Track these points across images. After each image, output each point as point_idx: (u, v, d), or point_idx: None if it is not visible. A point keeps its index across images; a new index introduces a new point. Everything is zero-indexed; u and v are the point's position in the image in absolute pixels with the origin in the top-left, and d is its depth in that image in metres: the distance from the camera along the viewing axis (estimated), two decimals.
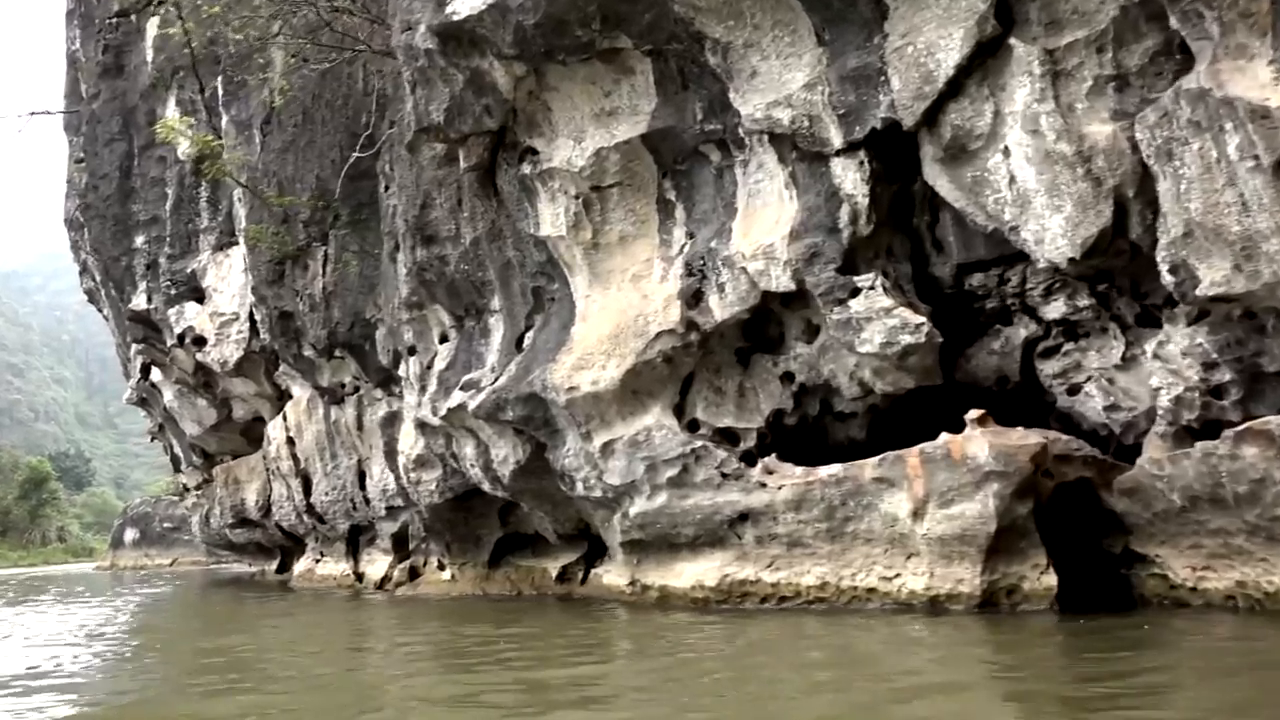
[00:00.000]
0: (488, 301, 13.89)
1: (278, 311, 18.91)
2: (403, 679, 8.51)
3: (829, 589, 11.00)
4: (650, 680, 7.76)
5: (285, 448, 21.45)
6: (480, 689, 7.53)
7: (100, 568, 52.48)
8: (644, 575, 12.66)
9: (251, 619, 15.92)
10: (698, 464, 11.73)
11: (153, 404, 32.98)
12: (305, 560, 23.35)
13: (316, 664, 9.87)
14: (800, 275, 10.63)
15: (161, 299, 22.89)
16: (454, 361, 14.35)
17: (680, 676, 7.72)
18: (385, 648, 10.67)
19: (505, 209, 13.30)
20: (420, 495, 16.14)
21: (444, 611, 14.75)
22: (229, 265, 22.01)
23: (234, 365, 22.18)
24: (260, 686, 8.38)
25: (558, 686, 7.58)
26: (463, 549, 16.80)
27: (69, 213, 32.75)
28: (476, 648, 9.93)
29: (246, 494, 25.73)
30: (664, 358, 11.75)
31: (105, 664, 10.59)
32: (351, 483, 20.20)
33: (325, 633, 12.84)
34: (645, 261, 12.20)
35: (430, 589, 17.47)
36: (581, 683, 7.74)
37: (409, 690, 7.83)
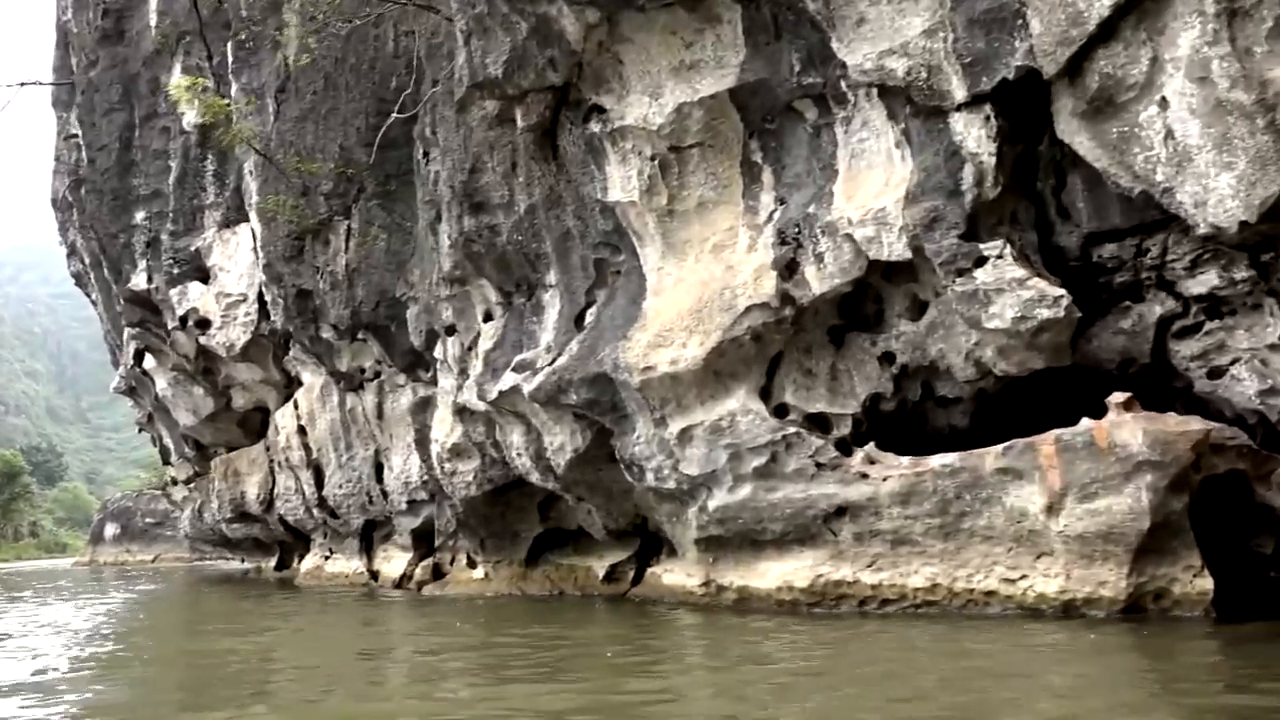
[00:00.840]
0: (542, 275, 12.70)
1: (295, 290, 17.62)
2: (463, 689, 7.37)
3: (940, 591, 9.90)
4: (749, 693, 6.70)
5: (296, 437, 20.14)
6: (549, 704, 6.46)
7: (79, 564, 50.69)
8: (720, 575, 11.51)
9: (265, 621, 14.63)
10: (788, 453, 10.60)
11: (143, 393, 31.52)
12: (312, 557, 22.02)
13: (359, 674, 8.67)
14: (918, 242, 9.51)
15: (163, 278, 21.51)
16: (502, 341, 13.15)
17: (788, 688, 6.67)
18: (432, 655, 9.46)
19: (566, 173, 12.12)
20: (455, 487, 14.91)
21: (482, 613, 13.55)
22: (236, 243, 20.68)
23: (240, 349, 20.85)
24: (299, 700, 7.21)
25: (634, 702, 6.54)
26: (498, 546, 15.59)
27: (56, 192, 31.27)
28: (530, 654, 8.85)
29: (247, 487, 24.37)
30: (752, 335, 10.61)
31: (113, 672, 9.33)
32: (368, 475, 18.93)
33: (356, 637, 11.61)
34: (728, 230, 11.06)
35: (460, 588, 16.24)
36: (659, 697, 6.70)
37: (477, 705, 6.69)
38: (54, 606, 18.56)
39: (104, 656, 10.61)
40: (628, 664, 8.48)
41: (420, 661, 9.18)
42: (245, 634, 12.67)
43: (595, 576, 14.60)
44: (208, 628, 13.82)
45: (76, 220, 29.51)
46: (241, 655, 10.16)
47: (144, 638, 12.89)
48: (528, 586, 15.32)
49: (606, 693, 6.98)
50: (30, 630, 13.49)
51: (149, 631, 13.98)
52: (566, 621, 12.01)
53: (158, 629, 14.63)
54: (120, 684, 8.55)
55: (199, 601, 20.21)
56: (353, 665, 9.20)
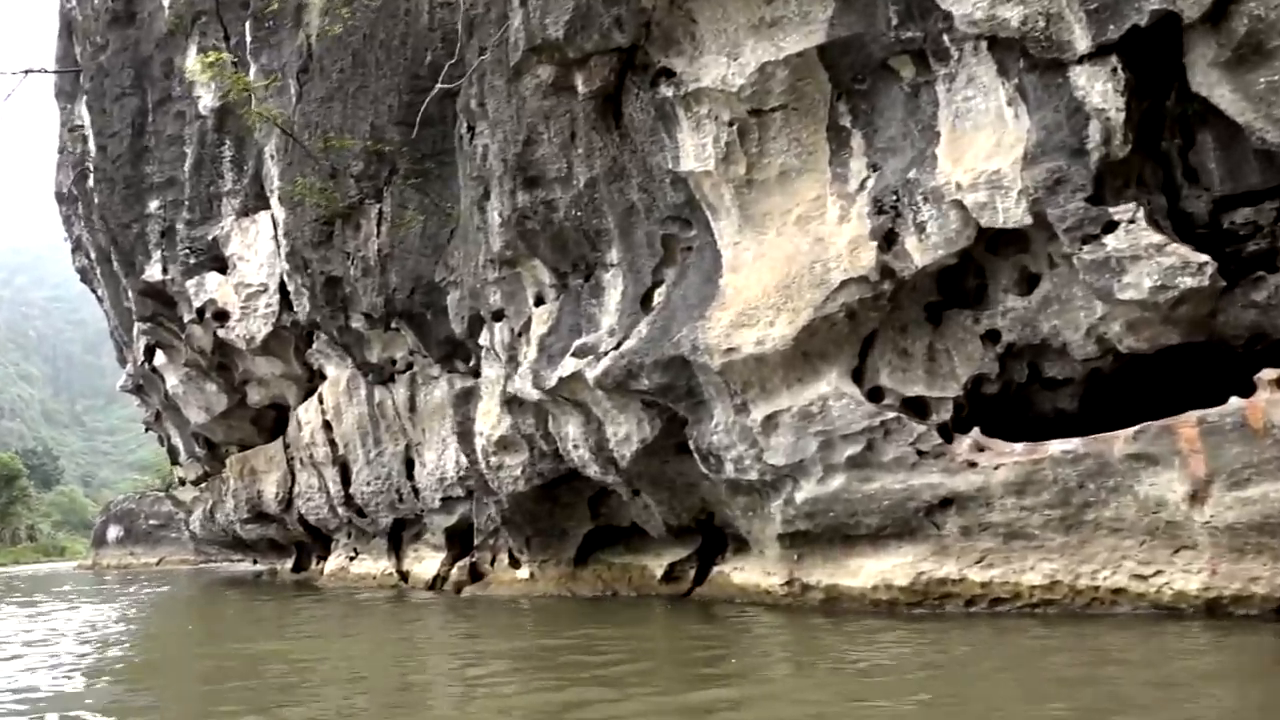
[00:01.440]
0: (602, 254, 11.80)
1: (324, 277, 16.69)
2: (527, 695, 6.49)
3: (1060, 589, 9.03)
4: (865, 695, 5.88)
5: (320, 433, 19.21)
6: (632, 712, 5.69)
7: (81, 567, 49.61)
8: (806, 573, 10.63)
9: (297, 625, 13.72)
10: (886, 440, 9.72)
11: (150, 391, 30.57)
12: (336, 558, 21.08)
13: (409, 683, 7.77)
14: (1039, 207, 8.64)
15: (179, 269, 20.56)
16: (557, 325, 12.25)
17: (906, 693, 5.84)
18: (486, 660, 8.55)
19: (631, 143, 11.23)
20: (501, 482, 14.01)
21: (533, 615, 12.67)
22: (256, 232, 19.75)
23: (261, 342, 19.91)
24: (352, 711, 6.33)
25: (725, 710, 5.83)
26: (545, 544, 14.68)
27: (61, 185, 30.34)
28: (594, 659, 8.05)
29: (264, 485, 23.44)
30: (847, 312, 9.72)
31: (143, 681, 8.42)
32: (398, 471, 18.01)
33: (398, 641, 10.69)
34: (814, 200, 10.17)
35: (502, 589, 15.33)
36: (759, 705, 5.95)
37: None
38: (66, 612, 17.62)
39: (134, 663, 9.70)
40: (714, 669, 7.66)
41: (474, 669, 8.28)
42: (277, 639, 11.76)
43: (652, 576, 13.70)
44: (237, 633, 12.88)
45: (82, 213, 28.56)
46: (279, 662, 9.25)
47: (171, 644, 11.97)
48: (577, 587, 14.42)
49: (695, 700, 6.18)
50: (50, 636, 12.57)
51: (174, 637, 13.06)
52: (630, 623, 11.15)
53: (184, 634, 13.71)
54: (150, 693, 7.65)
55: (218, 605, 19.26)
56: (399, 672, 8.30)
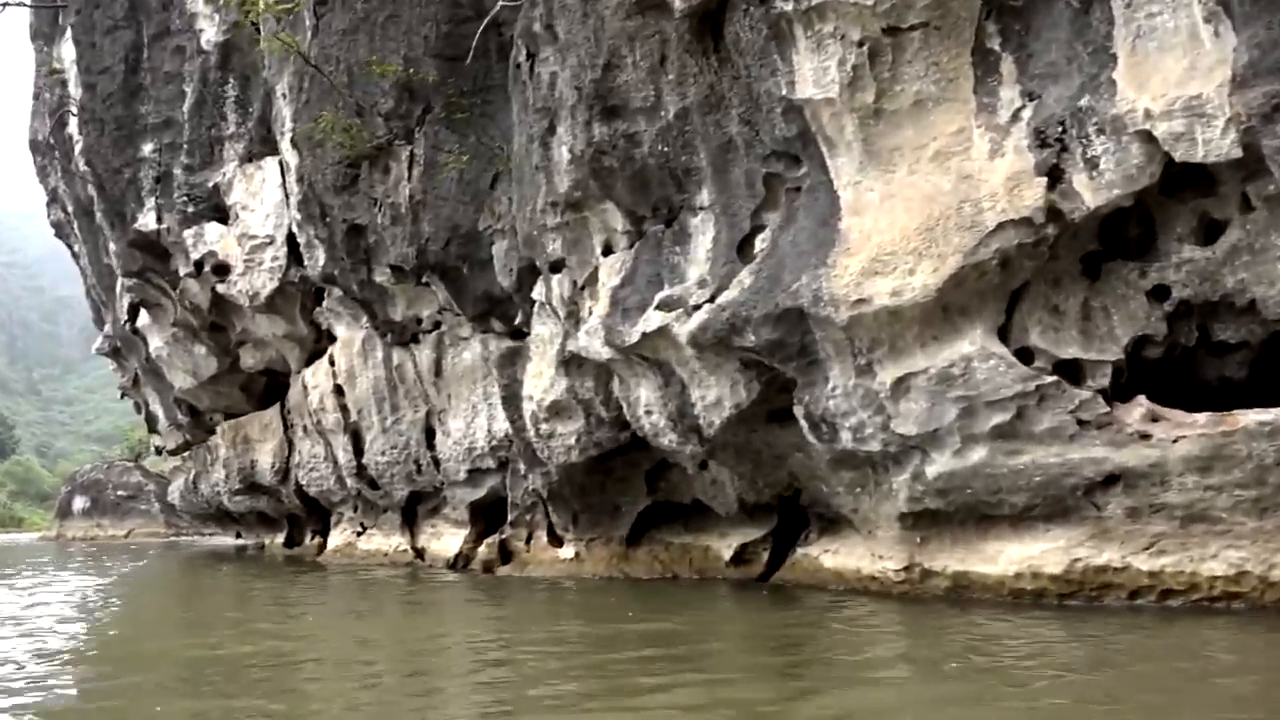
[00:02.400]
0: (690, 195, 10.39)
1: (346, 225, 15.11)
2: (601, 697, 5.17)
3: (1248, 581, 7.83)
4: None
5: (331, 398, 17.65)
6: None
7: (45, 538, 47.39)
8: (930, 558, 9.34)
9: (318, 608, 12.27)
10: (1040, 407, 8.43)
11: (130, 354, 28.74)
12: (341, 533, 19.54)
13: (454, 679, 6.40)
14: (1254, 137, 7.35)
15: (175, 219, 18.87)
16: (632, 276, 10.83)
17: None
18: (557, 646, 7.20)
19: (733, 68, 9.81)
20: (552, 452, 12.60)
21: (586, 599, 11.31)
22: (262, 179, 18.10)
23: (265, 299, 18.30)
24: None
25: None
26: (594, 521, 13.31)
27: (36, 133, 28.36)
28: (675, 651, 6.93)
29: (259, 455, 21.84)
30: (1000, 260, 8.41)
31: (136, 675, 6.97)
32: (416, 440, 16.52)
33: (435, 630, 9.30)
34: (955, 134, 8.82)
35: (542, 570, 13.93)
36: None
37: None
38: (38, 590, 15.98)
39: (135, 652, 8.21)
40: (826, 668, 6.42)
41: (531, 660, 6.91)
42: (293, 621, 10.31)
43: (716, 558, 12.39)
44: (252, 618, 11.37)
45: (60, 163, 26.68)
46: (300, 650, 7.85)
47: (175, 630, 10.45)
48: (630, 568, 13.07)
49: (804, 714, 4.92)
50: (28, 614, 11.00)
51: (177, 623, 11.53)
52: (702, 610, 9.91)
53: (187, 617, 12.17)
54: (158, 694, 6.21)
55: (212, 584, 17.64)
56: (447, 665, 6.90)
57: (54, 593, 14.49)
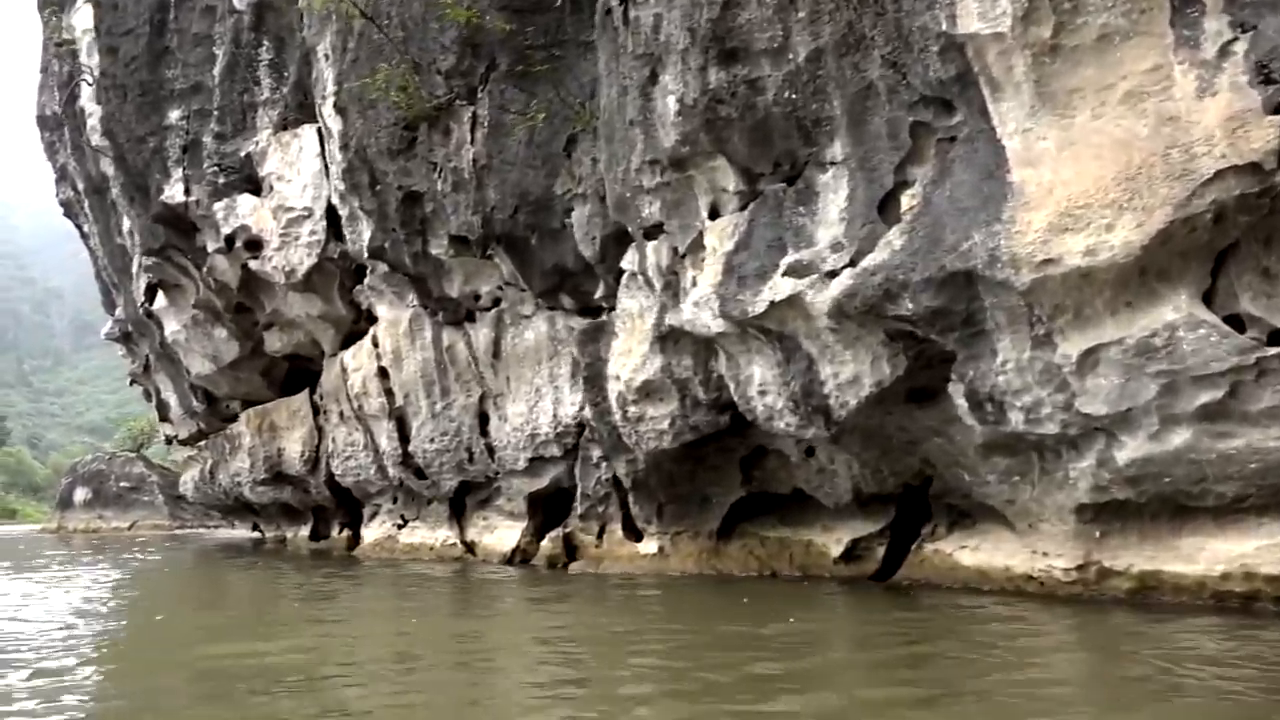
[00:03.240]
0: (820, 149, 9.21)
1: (401, 193, 13.89)
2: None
3: None
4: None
5: (374, 381, 16.41)
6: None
7: (45, 530, 45.97)
8: (1112, 556, 8.21)
9: (367, 615, 11.05)
10: (1259, 383, 7.29)
11: (141, 339, 27.48)
12: (380, 525, 18.31)
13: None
14: None
15: (204, 190, 17.59)
16: (748, 240, 9.64)
17: None
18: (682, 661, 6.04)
19: (876, 3, 8.63)
20: (641, 437, 11.43)
21: (686, 598, 10.13)
22: (299, 148, 16.85)
23: (302, 276, 17.05)
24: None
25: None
26: (680, 513, 12.15)
27: (44, 108, 27.05)
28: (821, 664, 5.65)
29: (286, 443, 20.60)
30: (1215, 213, 7.26)
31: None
32: (469, 427, 15.32)
33: (536, 645, 8.12)
34: (1150, 71, 7.66)
35: (619, 566, 12.76)
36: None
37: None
38: (48, 587, 14.73)
39: (175, 664, 7.02)
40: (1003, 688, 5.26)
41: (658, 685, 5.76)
42: (343, 628, 9.11)
43: (822, 554, 11.24)
44: (296, 624, 10.14)
45: (69, 138, 25.36)
46: (357, 662, 6.66)
47: (213, 634, 9.23)
48: (722, 564, 11.91)
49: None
50: (42, 620, 9.77)
51: (211, 626, 10.31)
52: (825, 613, 8.70)
53: (226, 620, 10.95)
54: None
55: (237, 580, 16.39)
56: (539, 673, 5.74)
57: (78, 588, 13.25)
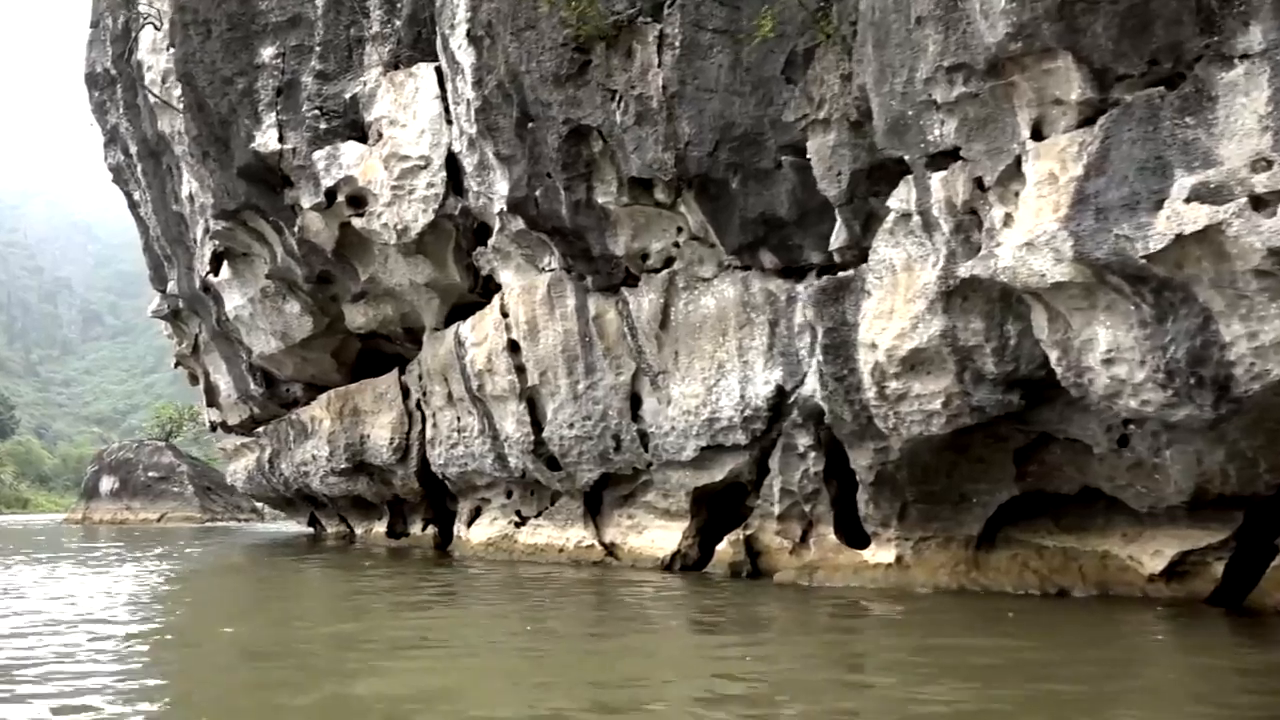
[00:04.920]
0: (1224, 39, 6.87)
1: (567, 128, 11.51)
2: None
3: None
4: None
5: (503, 357, 14.01)
6: None
7: (70, 520, 43.43)
8: None
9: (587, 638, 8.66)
10: None
11: (192, 317, 25.12)
12: (490, 523, 15.91)
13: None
14: None
15: (302, 137, 15.20)
16: (1103, 162, 7.29)
17: None
18: None
19: None
20: (902, 419, 9.07)
21: (1001, 628, 7.78)
22: (414, 89, 14.48)
23: (417, 234, 14.66)
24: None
25: None
26: (928, 514, 9.80)
27: (94, 65, 24.67)
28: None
29: (372, 429, 18.25)
30: None
31: None
32: (617, 410, 12.95)
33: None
34: None
35: (838, 577, 10.40)
36: None
37: None
38: (98, 578, 12.37)
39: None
40: None
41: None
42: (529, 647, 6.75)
43: (1129, 569, 8.89)
44: (429, 644, 7.76)
45: (122, 96, 23.03)
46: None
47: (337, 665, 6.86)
48: (985, 578, 9.56)
49: None
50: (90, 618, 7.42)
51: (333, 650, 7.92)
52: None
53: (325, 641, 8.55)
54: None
55: (325, 583, 13.95)
56: None
57: (143, 587, 10.88)
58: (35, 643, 7.08)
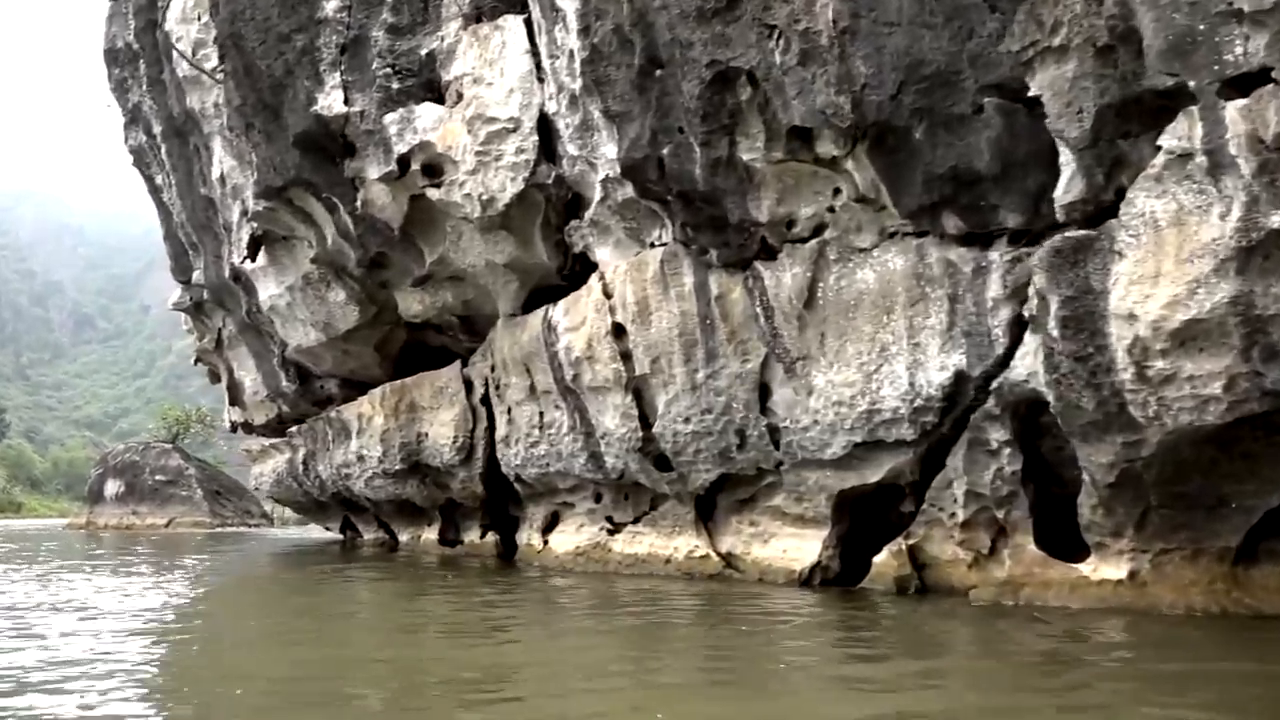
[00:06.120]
0: None
1: (712, 71, 9.79)
2: None
3: None
4: None
5: (607, 344, 12.26)
6: None
7: (73, 525, 41.29)
8: None
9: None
10: None
11: (217, 310, 23.30)
12: (575, 530, 14.12)
13: None
14: None
15: (372, 98, 13.44)
16: None
17: None
18: None
19: None
20: (1168, 406, 7.40)
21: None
22: (501, 43, 12.76)
23: (504, 206, 12.92)
24: None
25: None
26: (1175, 522, 8.10)
27: (115, 39, 22.87)
28: None
29: (431, 427, 16.50)
30: None
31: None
32: (743, 402, 11.23)
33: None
34: None
35: (1050, 595, 8.69)
36: None
37: None
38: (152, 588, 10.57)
39: None
40: None
41: None
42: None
43: None
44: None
45: (146, 71, 21.21)
46: None
47: None
48: (1251, 598, 7.87)
49: None
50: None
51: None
52: None
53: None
54: None
55: (404, 602, 12.14)
56: None
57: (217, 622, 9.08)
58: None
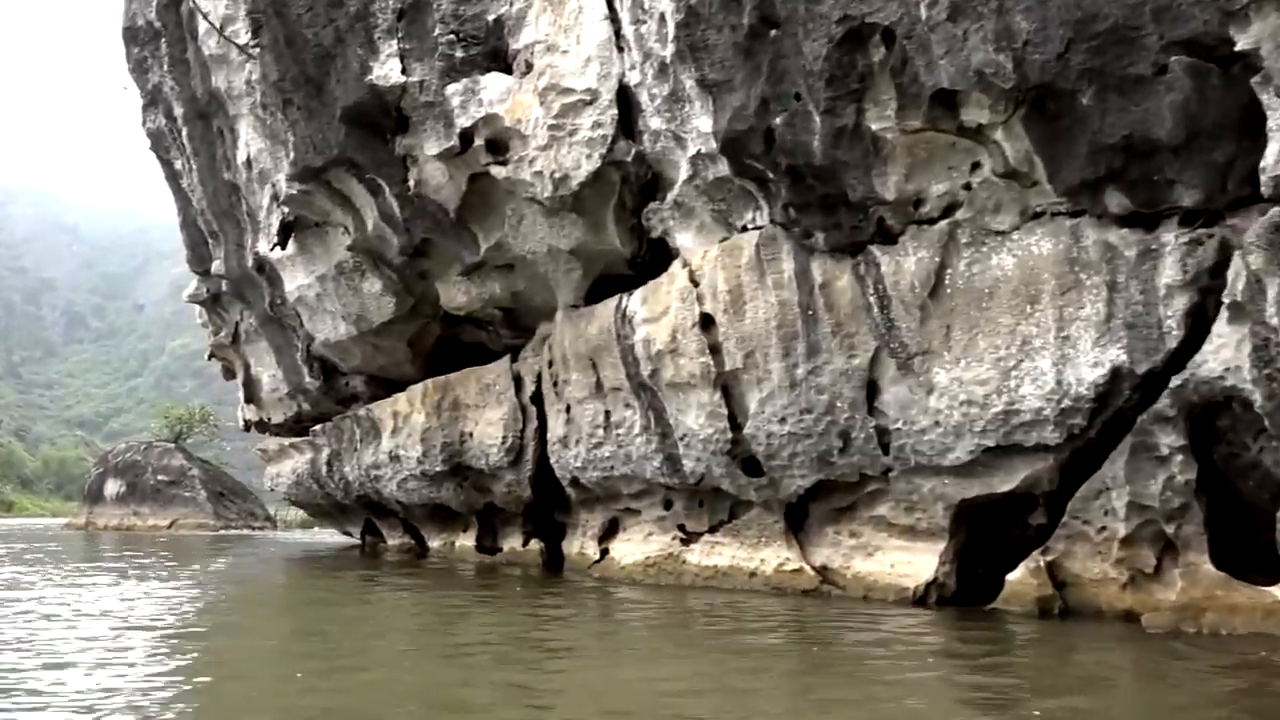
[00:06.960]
0: None
1: (844, 29, 8.66)
2: None
3: None
4: None
5: (694, 335, 11.10)
6: None
7: (72, 525, 39.84)
8: None
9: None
10: None
11: (235, 302, 22.08)
12: (643, 538, 12.93)
13: None
14: None
15: (433, 67, 12.29)
16: None
17: None
18: None
19: None
20: None
21: None
22: (578, 7, 11.64)
23: (577, 185, 11.78)
24: None
25: None
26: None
27: (135, 17, 21.65)
28: None
29: (477, 426, 15.35)
30: None
31: None
32: (849, 401, 10.09)
33: None
34: None
35: (1244, 622, 7.59)
36: None
37: None
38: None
39: None
40: None
41: None
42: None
43: None
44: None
45: (168, 51, 20.04)
46: None
47: None
48: None
49: None
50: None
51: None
52: None
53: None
54: None
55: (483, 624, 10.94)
56: None
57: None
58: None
